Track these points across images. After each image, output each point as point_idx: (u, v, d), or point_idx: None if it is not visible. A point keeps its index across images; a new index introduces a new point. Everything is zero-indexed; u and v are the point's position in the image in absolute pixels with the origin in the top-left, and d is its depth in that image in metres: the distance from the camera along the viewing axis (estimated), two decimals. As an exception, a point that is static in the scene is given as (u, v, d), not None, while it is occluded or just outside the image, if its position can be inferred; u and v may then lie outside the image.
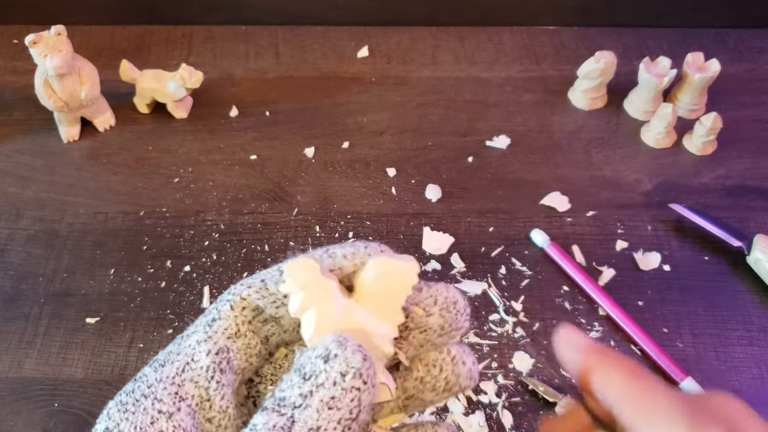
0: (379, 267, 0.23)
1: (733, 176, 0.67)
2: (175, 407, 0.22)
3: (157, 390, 0.22)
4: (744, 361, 0.54)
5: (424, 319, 0.24)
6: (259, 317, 0.24)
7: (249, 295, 0.24)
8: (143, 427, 0.22)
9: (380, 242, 0.25)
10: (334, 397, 0.19)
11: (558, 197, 0.65)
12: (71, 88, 0.65)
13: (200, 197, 0.65)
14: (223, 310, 0.24)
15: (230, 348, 0.23)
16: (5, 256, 0.60)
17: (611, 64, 0.70)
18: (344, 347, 0.20)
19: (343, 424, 0.19)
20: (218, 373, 0.23)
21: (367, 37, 0.81)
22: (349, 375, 0.20)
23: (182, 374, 0.23)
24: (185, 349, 0.23)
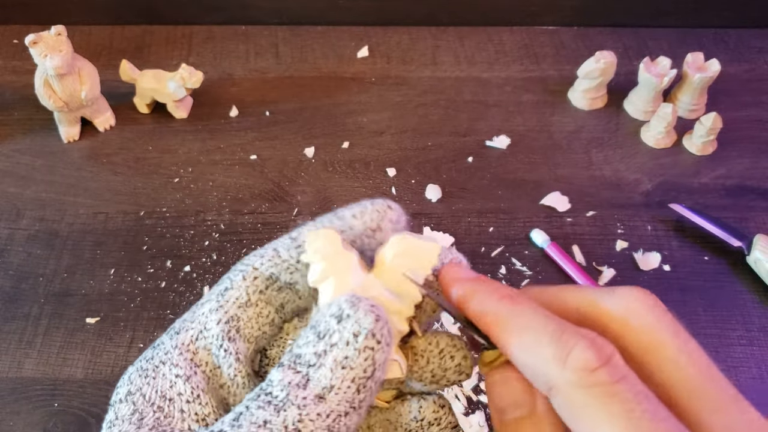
0: (401, 244, 0.23)
1: (733, 176, 0.67)
2: (192, 371, 0.23)
3: (173, 356, 0.23)
4: (744, 361, 0.54)
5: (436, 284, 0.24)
6: (272, 286, 0.24)
7: (261, 264, 0.24)
8: (163, 391, 0.23)
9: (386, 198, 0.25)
10: (348, 357, 0.20)
11: (558, 197, 0.65)
12: (71, 88, 0.65)
13: (200, 197, 0.65)
14: (235, 280, 0.24)
15: (240, 317, 0.24)
16: (5, 256, 0.60)
17: (611, 64, 0.70)
18: (356, 308, 0.20)
19: (357, 383, 0.20)
20: (226, 341, 0.23)
21: (367, 37, 0.81)
22: (362, 336, 0.20)
23: (196, 342, 0.24)
24: (198, 317, 0.24)
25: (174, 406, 0.23)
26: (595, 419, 0.17)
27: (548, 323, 0.20)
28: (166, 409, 0.22)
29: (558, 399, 0.19)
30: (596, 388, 0.18)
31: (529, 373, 0.20)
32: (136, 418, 0.22)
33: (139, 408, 0.22)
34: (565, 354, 0.19)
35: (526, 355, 0.20)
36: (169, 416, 0.22)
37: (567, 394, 0.18)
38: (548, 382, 0.19)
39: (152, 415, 0.22)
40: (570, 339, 0.19)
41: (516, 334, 0.20)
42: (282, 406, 0.19)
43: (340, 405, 0.20)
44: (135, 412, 0.22)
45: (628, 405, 0.17)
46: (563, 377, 0.18)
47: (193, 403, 0.23)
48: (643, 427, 0.17)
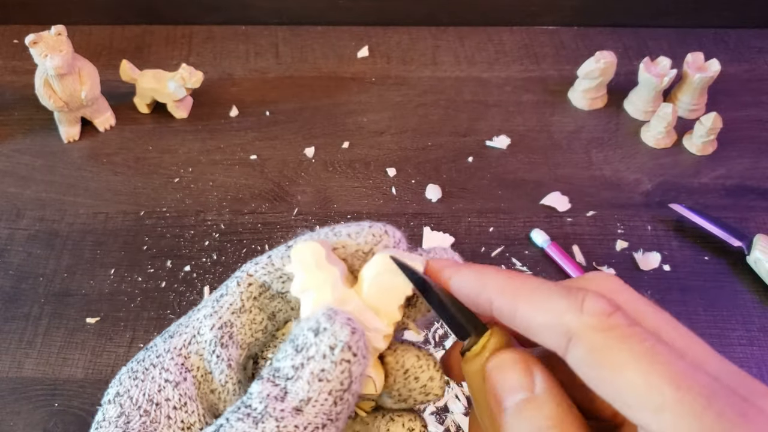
0: (383, 263, 0.23)
1: (733, 176, 0.67)
2: (182, 377, 0.23)
3: (165, 360, 0.23)
4: (744, 361, 0.54)
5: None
6: (266, 293, 0.25)
7: (256, 271, 0.24)
8: (151, 395, 0.23)
9: (386, 222, 0.25)
10: (324, 370, 0.20)
11: (558, 197, 0.65)
12: (71, 88, 0.65)
13: (200, 197, 0.65)
14: (230, 286, 0.24)
15: (234, 323, 0.24)
16: (5, 256, 0.60)
17: (611, 64, 0.70)
18: (333, 321, 0.20)
19: (334, 395, 0.20)
20: (219, 347, 0.24)
21: (367, 37, 0.81)
22: (338, 348, 0.20)
23: (188, 346, 0.24)
24: (193, 322, 0.24)
25: (161, 412, 0.23)
26: (620, 359, 0.18)
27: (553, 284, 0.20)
28: (152, 413, 0.23)
29: (579, 347, 0.19)
30: (616, 330, 0.18)
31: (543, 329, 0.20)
32: (123, 422, 0.22)
33: (125, 411, 0.23)
34: (579, 303, 0.19)
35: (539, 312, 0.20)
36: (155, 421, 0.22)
37: (589, 339, 0.18)
38: (567, 332, 0.19)
39: (138, 419, 0.22)
40: (580, 291, 0.19)
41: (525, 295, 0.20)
42: (260, 418, 0.20)
43: (317, 417, 0.20)
44: (121, 415, 0.22)
45: (648, 344, 0.18)
46: (582, 322, 0.19)
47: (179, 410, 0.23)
48: (666, 362, 0.17)
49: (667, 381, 0.17)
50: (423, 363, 0.24)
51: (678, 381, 0.17)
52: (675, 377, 0.17)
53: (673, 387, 0.17)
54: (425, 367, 0.24)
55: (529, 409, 0.20)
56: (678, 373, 0.17)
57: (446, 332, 0.55)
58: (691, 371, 0.17)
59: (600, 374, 0.18)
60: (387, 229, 0.24)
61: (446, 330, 0.55)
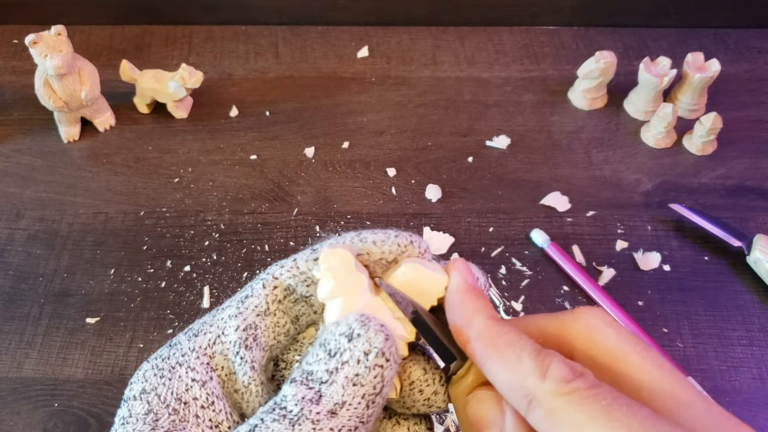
0: (410, 273, 0.24)
1: (733, 176, 0.67)
2: (208, 376, 0.24)
3: (191, 359, 0.24)
4: (744, 361, 0.54)
5: None
6: (290, 297, 0.25)
7: (281, 274, 0.25)
8: (179, 393, 0.23)
9: (412, 233, 0.25)
10: (359, 374, 0.21)
11: (558, 197, 0.65)
12: (71, 88, 0.65)
13: (200, 197, 0.65)
14: (256, 288, 0.25)
15: (258, 325, 0.24)
16: (5, 256, 0.60)
17: (611, 64, 0.70)
18: (367, 327, 0.21)
19: (367, 398, 0.21)
20: (243, 348, 0.24)
21: (367, 37, 0.81)
22: (372, 354, 0.21)
23: (213, 346, 0.24)
24: (218, 321, 0.24)
25: (189, 410, 0.23)
26: (576, 421, 0.18)
27: (527, 344, 0.21)
28: (181, 412, 0.23)
29: (537, 410, 0.19)
30: (575, 394, 0.19)
31: (506, 388, 0.21)
32: (151, 419, 0.23)
33: (153, 408, 0.23)
34: (544, 368, 0.20)
35: (507, 370, 0.21)
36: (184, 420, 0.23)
37: (548, 402, 0.19)
38: (528, 394, 0.20)
39: (167, 417, 0.23)
40: (547, 356, 0.20)
41: (498, 350, 0.21)
42: (296, 420, 0.20)
43: (351, 420, 0.20)
44: (149, 412, 0.23)
45: (605, 403, 0.18)
46: (544, 388, 0.19)
47: (207, 409, 0.23)
48: (622, 418, 0.18)
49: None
50: (429, 377, 0.25)
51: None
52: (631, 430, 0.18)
53: None
54: (430, 381, 0.25)
55: None
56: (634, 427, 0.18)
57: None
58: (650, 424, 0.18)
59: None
60: (413, 239, 0.25)
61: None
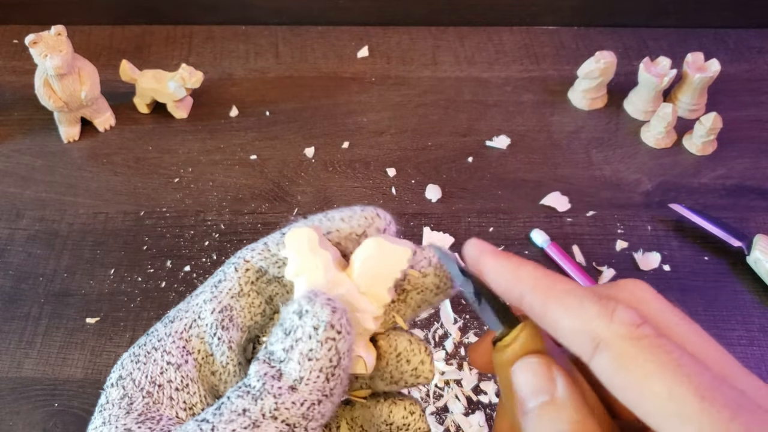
0: (373, 247, 0.24)
1: (733, 176, 0.67)
2: (183, 359, 0.24)
3: (166, 343, 0.24)
4: (744, 361, 0.54)
5: (420, 280, 0.25)
6: (262, 278, 0.25)
7: (252, 257, 0.25)
8: (153, 377, 0.24)
9: (377, 207, 0.25)
10: (312, 350, 0.21)
11: (558, 197, 0.65)
12: (71, 88, 0.65)
13: (200, 197, 0.65)
14: (228, 272, 0.25)
15: (233, 306, 0.25)
16: (5, 256, 0.60)
17: (611, 64, 0.70)
18: (313, 302, 0.21)
19: (325, 372, 0.21)
20: (220, 330, 0.24)
21: (367, 37, 0.81)
22: (321, 328, 0.21)
23: (189, 330, 0.25)
24: (193, 307, 0.25)
25: (163, 393, 0.23)
26: (645, 369, 0.18)
27: (586, 290, 0.21)
28: (155, 394, 0.23)
29: (605, 353, 0.19)
30: (644, 340, 0.19)
31: (570, 333, 0.20)
32: (126, 403, 0.23)
33: (128, 393, 0.23)
34: (610, 311, 0.19)
35: (569, 315, 0.20)
36: (158, 402, 0.23)
37: (616, 346, 0.19)
38: (595, 338, 0.19)
39: (141, 400, 0.23)
40: (611, 301, 0.20)
41: (557, 296, 0.21)
42: (259, 395, 0.21)
43: (312, 394, 0.21)
44: (124, 397, 0.23)
45: (674, 356, 0.18)
46: (612, 330, 0.19)
47: (182, 392, 0.24)
48: (691, 374, 0.18)
49: (692, 392, 0.17)
50: (415, 347, 0.25)
51: (703, 392, 0.17)
52: (700, 389, 0.17)
53: (697, 398, 0.17)
54: (416, 351, 0.25)
55: (549, 412, 0.20)
56: (703, 385, 0.17)
57: (446, 332, 0.55)
58: (717, 383, 0.17)
59: (624, 382, 0.19)
60: (378, 212, 0.25)
61: (446, 330, 0.55)
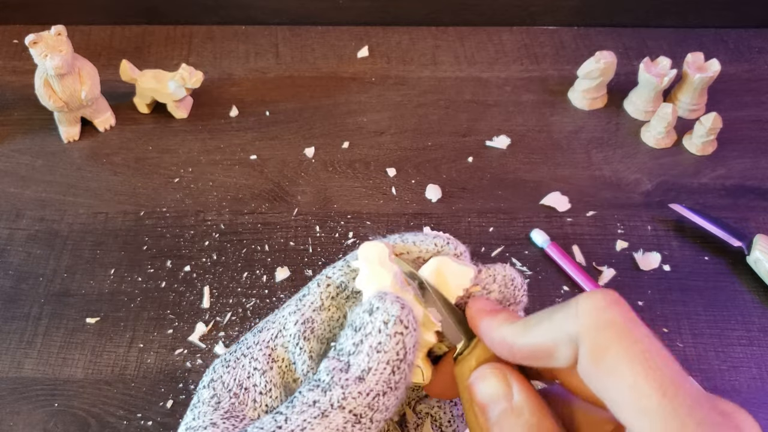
0: (439, 264, 0.26)
1: (733, 176, 0.67)
2: (268, 366, 0.26)
3: (254, 351, 0.26)
4: (744, 361, 0.54)
5: (483, 295, 0.26)
6: (342, 294, 0.27)
7: (333, 273, 0.27)
8: (241, 380, 0.26)
9: (450, 235, 0.27)
10: (381, 342, 0.22)
11: (558, 197, 0.65)
12: (71, 88, 0.65)
13: (200, 197, 0.65)
14: (312, 288, 0.27)
15: (315, 319, 0.26)
16: (5, 256, 0.60)
17: (611, 64, 0.70)
18: (384, 300, 0.23)
19: (392, 364, 0.22)
20: (302, 340, 0.26)
21: (367, 37, 0.81)
22: (391, 322, 0.22)
23: (275, 340, 0.26)
24: (279, 318, 0.27)
25: (248, 396, 0.25)
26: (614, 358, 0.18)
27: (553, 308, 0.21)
28: (241, 396, 0.25)
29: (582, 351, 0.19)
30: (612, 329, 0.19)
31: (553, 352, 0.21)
32: (215, 402, 0.25)
33: (218, 393, 0.25)
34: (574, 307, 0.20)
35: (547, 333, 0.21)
36: (243, 404, 0.25)
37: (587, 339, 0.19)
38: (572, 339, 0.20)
39: (228, 400, 0.25)
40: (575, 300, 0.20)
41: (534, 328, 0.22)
42: (328, 387, 0.22)
43: (378, 384, 0.22)
44: (213, 396, 0.25)
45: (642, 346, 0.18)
46: (580, 324, 0.19)
47: (265, 395, 0.26)
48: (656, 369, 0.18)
49: (655, 386, 0.18)
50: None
51: (665, 387, 0.18)
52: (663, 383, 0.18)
53: (660, 393, 0.17)
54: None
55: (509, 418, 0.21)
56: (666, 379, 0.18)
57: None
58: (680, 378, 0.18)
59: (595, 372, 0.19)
60: (450, 240, 0.27)
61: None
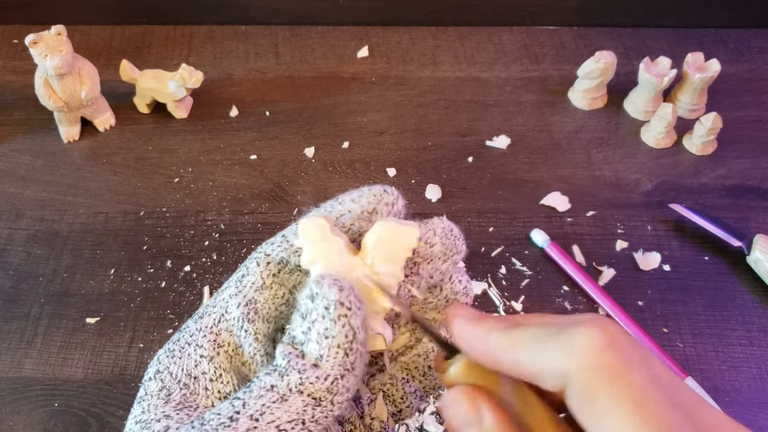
0: (382, 229, 0.25)
1: (733, 176, 0.67)
2: (215, 352, 0.26)
3: (198, 338, 0.26)
4: (744, 361, 0.54)
5: (428, 250, 0.26)
6: (284, 270, 0.27)
7: (272, 250, 0.27)
8: (189, 369, 0.25)
9: (384, 184, 0.27)
10: (327, 328, 0.22)
11: (558, 197, 0.65)
12: (71, 88, 0.65)
13: (200, 197, 0.65)
14: (251, 267, 0.27)
15: (257, 299, 0.26)
16: (5, 256, 0.60)
17: (611, 64, 0.70)
18: (321, 285, 0.23)
19: (343, 347, 0.22)
20: (246, 322, 0.26)
21: (367, 37, 0.81)
22: (331, 307, 0.22)
23: (218, 324, 0.26)
24: (220, 302, 0.26)
25: (199, 384, 0.25)
26: (605, 404, 0.17)
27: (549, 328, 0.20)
28: (191, 386, 0.25)
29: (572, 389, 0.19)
30: (605, 371, 0.18)
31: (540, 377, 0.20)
32: (164, 394, 0.25)
33: (166, 385, 0.25)
34: (570, 342, 0.19)
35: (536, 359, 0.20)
36: (194, 393, 0.25)
37: (579, 380, 0.18)
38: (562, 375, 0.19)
39: (179, 391, 0.25)
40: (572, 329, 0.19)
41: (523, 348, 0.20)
42: (285, 372, 0.22)
43: (334, 369, 0.22)
44: (163, 389, 0.25)
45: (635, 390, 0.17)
46: (574, 363, 0.18)
47: (216, 382, 0.25)
48: (651, 416, 0.17)
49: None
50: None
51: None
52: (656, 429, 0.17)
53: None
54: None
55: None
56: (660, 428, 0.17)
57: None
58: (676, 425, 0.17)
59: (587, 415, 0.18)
60: (385, 188, 0.27)
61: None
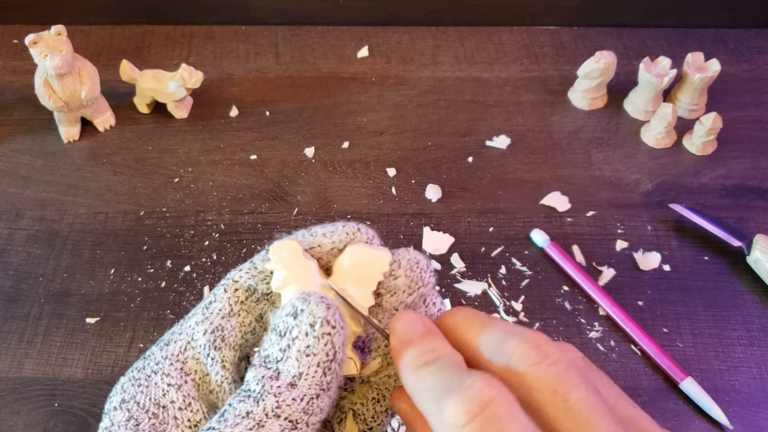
0: (355, 253, 0.25)
1: (733, 176, 0.67)
2: (183, 380, 0.25)
3: (164, 366, 0.25)
4: (744, 361, 0.54)
5: (392, 282, 0.26)
6: (251, 297, 0.26)
7: (240, 277, 0.26)
8: (157, 398, 0.25)
9: (359, 222, 0.26)
10: (309, 346, 0.22)
11: (558, 197, 0.65)
12: (71, 88, 0.65)
13: (200, 197, 0.65)
14: (218, 293, 0.26)
15: (224, 327, 0.26)
16: (5, 256, 0.60)
17: (611, 64, 0.70)
18: (308, 301, 0.22)
19: (323, 366, 0.22)
20: (213, 350, 0.25)
21: (367, 37, 0.81)
22: (318, 324, 0.22)
23: (185, 352, 0.25)
24: (186, 329, 0.26)
25: (168, 413, 0.24)
26: None
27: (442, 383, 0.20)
28: (160, 415, 0.24)
29: None
30: None
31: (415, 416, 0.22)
32: (132, 424, 0.24)
33: (134, 415, 0.24)
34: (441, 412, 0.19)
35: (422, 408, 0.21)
36: (163, 423, 0.24)
37: None
38: None
39: (148, 421, 0.24)
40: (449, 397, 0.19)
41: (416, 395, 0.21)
42: (260, 396, 0.21)
43: (311, 389, 0.22)
44: (130, 419, 0.24)
45: None
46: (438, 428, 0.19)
47: (185, 410, 0.25)
48: None
49: None
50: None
51: None
52: None
53: None
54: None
55: None
56: None
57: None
58: None
59: None
60: (360, 227, 0.26)
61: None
